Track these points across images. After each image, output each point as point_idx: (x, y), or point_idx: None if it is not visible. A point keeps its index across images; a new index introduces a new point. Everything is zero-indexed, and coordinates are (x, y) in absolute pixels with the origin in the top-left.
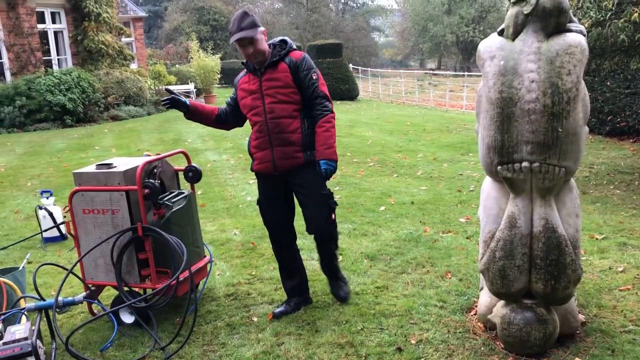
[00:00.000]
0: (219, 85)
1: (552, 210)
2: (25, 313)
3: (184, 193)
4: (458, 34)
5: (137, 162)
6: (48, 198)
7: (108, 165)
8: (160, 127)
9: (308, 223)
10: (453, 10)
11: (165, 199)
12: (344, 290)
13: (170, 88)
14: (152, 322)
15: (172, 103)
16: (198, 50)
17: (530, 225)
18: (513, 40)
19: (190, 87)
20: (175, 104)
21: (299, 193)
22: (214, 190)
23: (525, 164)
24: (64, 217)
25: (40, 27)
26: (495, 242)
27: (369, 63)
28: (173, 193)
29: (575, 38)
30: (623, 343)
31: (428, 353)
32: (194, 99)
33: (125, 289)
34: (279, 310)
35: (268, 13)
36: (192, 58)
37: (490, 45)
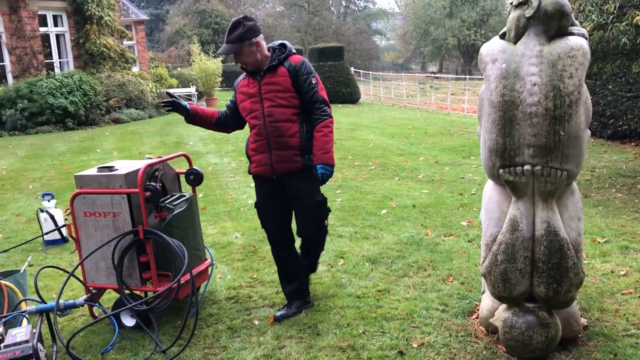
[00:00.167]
0: (221, 88)
1: (554, 214)
2: (26, 316)
3: (185, 196)
4: (459, 37)
5: (138, 165)
6: (49, 201)
7: (110, 168)
8: (162, 130)
9: (300, 227)
10: (454, 14)
11: (167, 202)
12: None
13: (171, 91)
14: (153, 325)
15: (172, 107)
16: (199, 54)
17: (532, 229)
18: (515, 44)
19: (192, 90)
20: (176, 108)
21: (294, 197)
22: (215, 193)
23: (527, 167)
24: (65, 219)
25: (42, 30)
26: (497, 245)
27: (371, 66)
28: (174, 196)
29: (577, 41)
30: (625, 347)
31: (430, 357)
32: (196, 102)
33: (127, 292)
34: (280, 314)
35: (270, 16)
36: (193, 61)
37: (492, 49)
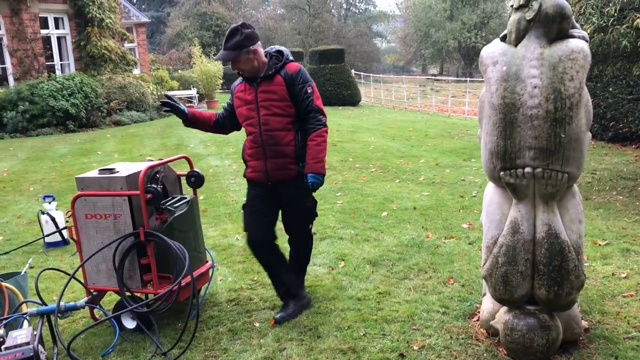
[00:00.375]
0: (221, 91)
1: (555, 216)
2: (27, 318)
3: (186, 198)
4: (460, 40)
5: (139, 167)
6: (50, 203)
7: (110, 170)
8: (163, 132)
9: (285, 226)
10: (455, 16)
11: (168, 204)
12: (290, 307)
13: (170, 94)
14: (154, 327)
15: (171, 109)
16: (200, 56)
17: (533, 231)
18: (515, 46)
19: (193, 92)
20: (174, 111)
21: (285, 202)
22: (216, 196)
23: (528, 170)
24: (66, 222)
25: (44, 32)
26: (498, 247)
27: (371, 69)
28: (175, 198)
29: (578, 44)
30: (626, 350)
31: (430, 359)
32: (196, 105)
33: (127, 294)
34: (280, 316)
35: (270, 19)
36: (194, 63)
37: (493, 51)
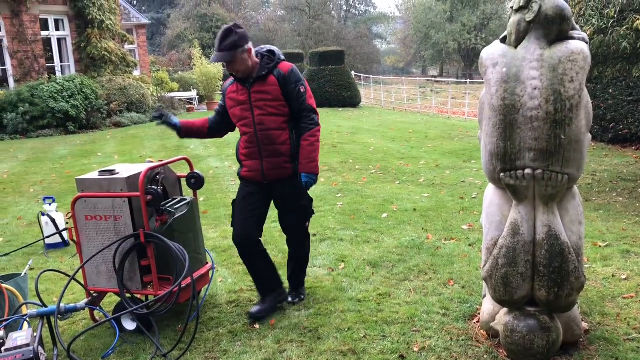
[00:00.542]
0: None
1: (555, 218)
2: (27, 319)
3: (187, 200)
4: (460, 42)
5: (139, 168)
6: (50, 204)
7: (111, 172)
8: (163, 133)
9: (282, 225)
10: (455, 18)
11: (168, 206)
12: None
13: (162, 111)
14: (154, 328)
15: (164, 124)
16: (200, 57)
17: (533, 233)
18: (515, 48)
19: (193, 94)
20: (167, 126)
21: (281, 200)
22: (216, 197)
23: (528, 171)
24: (67, 223)
25: (44, 34)
26: (498, 249)
27: (371, 70)
28: (175, 200)
29: (578, 45)
30: (627, 351)
31: None
32: (197, 106)
33: (127, 296)
34: (257, 309)
35: (270, 20)
36: (194, 65)
37: (493, 53)
